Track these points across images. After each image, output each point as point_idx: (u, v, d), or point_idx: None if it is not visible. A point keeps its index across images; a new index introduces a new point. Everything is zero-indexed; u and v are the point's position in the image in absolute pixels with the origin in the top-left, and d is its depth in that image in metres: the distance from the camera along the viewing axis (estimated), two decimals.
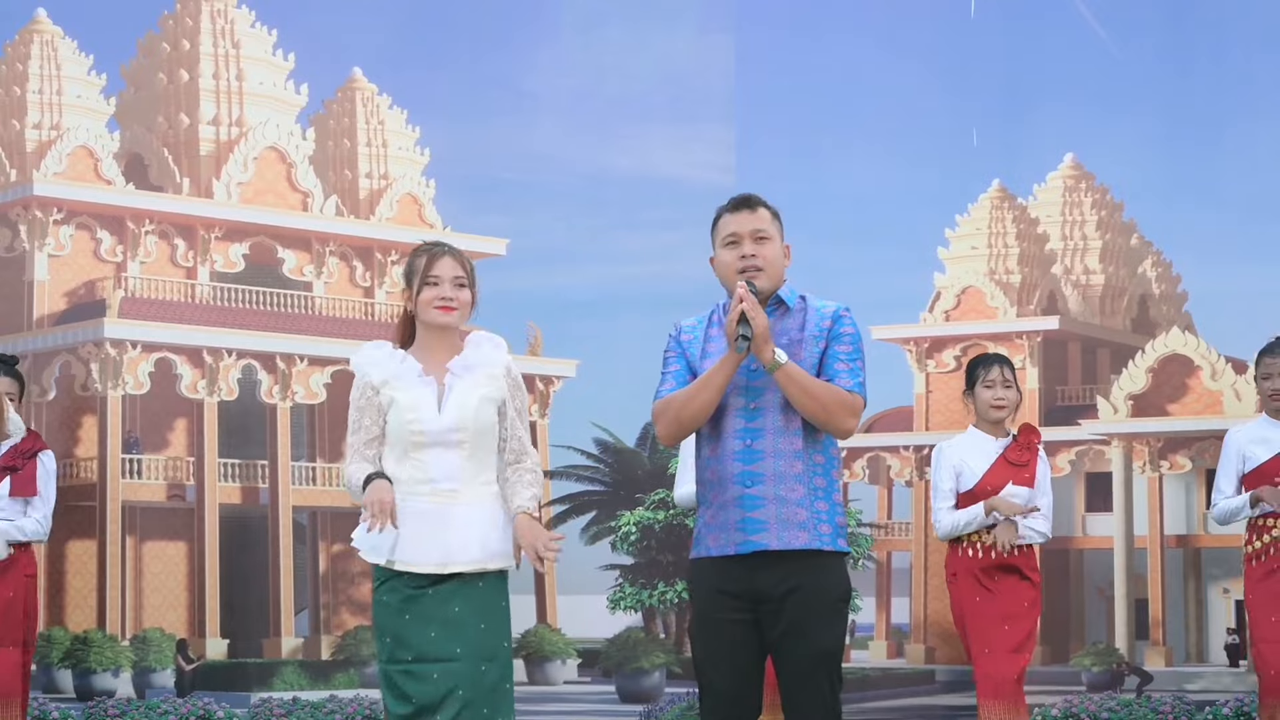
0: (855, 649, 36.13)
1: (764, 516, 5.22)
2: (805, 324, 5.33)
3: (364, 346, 5.49)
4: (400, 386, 5.34)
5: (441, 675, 5.18)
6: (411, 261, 5.46)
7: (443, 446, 5.28)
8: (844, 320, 5.35)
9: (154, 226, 30.83)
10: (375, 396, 5.36)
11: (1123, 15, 33.33)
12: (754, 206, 5.44)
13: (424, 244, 5.50)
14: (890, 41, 33.92)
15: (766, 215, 5.43)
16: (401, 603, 5.24)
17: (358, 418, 5.40)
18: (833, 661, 5.19)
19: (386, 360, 5.40)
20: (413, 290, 5.44)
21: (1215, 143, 33.66)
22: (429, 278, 5.38)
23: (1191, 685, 28.73)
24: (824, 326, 5.31)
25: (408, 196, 33.24)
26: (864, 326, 15.59)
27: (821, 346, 5.28)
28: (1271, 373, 8.03)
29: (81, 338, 29.48)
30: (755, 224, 5.42)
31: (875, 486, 35.76)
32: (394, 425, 5.31)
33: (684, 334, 5.53)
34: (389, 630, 5.25)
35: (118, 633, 28.52)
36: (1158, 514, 32.57)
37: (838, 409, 5.21)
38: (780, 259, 5.40)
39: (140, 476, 30.00)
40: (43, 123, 30.78)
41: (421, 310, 5.42)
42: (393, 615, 5.25)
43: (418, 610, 5.23)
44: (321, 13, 33.73)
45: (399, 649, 5.23)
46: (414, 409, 5.29)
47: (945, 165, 34.25)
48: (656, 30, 34.12)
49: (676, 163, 35.02)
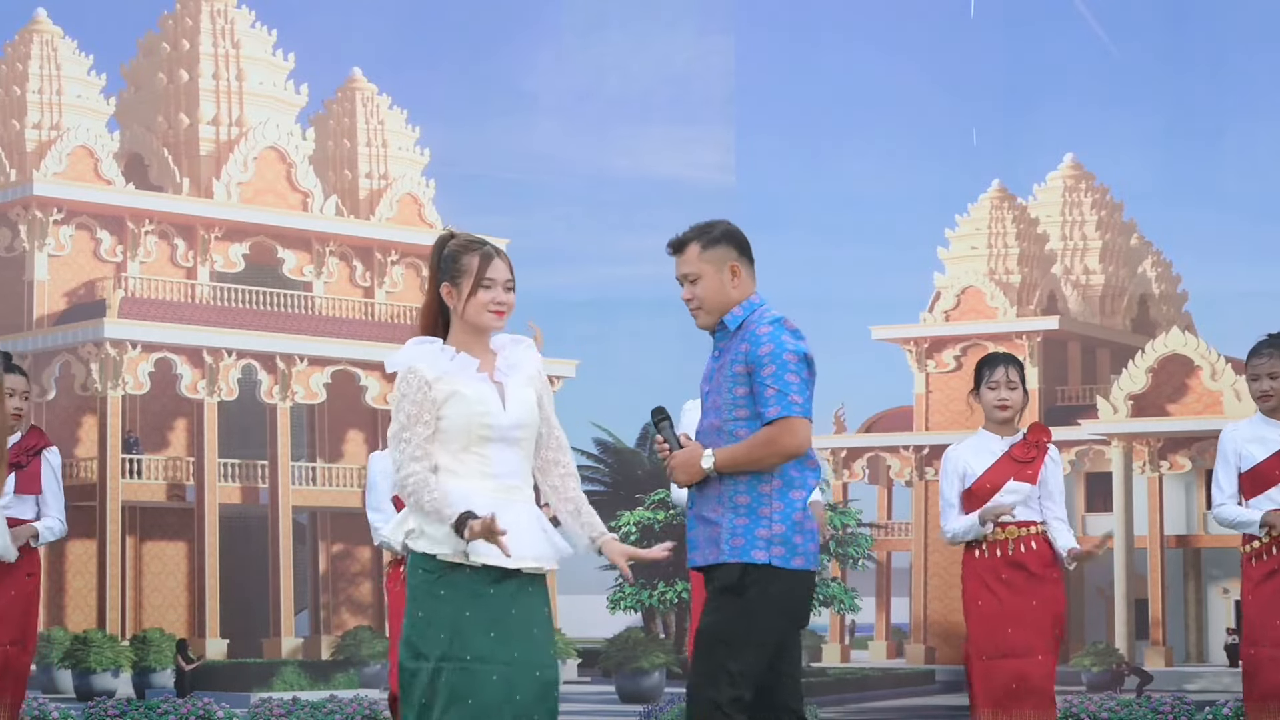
0: (855, 649, 36.15)
1: (694, 537, 5.51)
2: (735, 345, 5.48)
3: (409, 343, 5.41)
4: (460, 381, 5.25)
5: (500, 679, 5.15)
6: (460, 259, 5.27)
7: (506, 443, 5.25)
8: (760, 341, 5.43)
9: (154, 226, 30.84)
10: (429, 391, 5.25)
11: (1123, 15, 33.39)
12: (680, 248, 5.54)
13: (470, 240, 5.38)
14: (890, 42, 33.98)
15: (694, 252, 5.51)
16: (464, 599, 5.20)
17: (415, 412, 5.20)
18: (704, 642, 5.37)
19: (439, 355, 5.26)
20: (461, 290, 5.44)
21: (1215, 143, 33.74)
22: (485, 280, 5.35)
23: (1191, 685, 28.72)
24: (742, 350, 5.43)
25: (408, 196, 33.25)
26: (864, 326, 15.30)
27: (741, 369, 5.43)
28: (1260, 374, 8.04)
29: (81, 338, 29.49)
30: (682, 269, 5.57)
31: (875, 486, 35.79)
32: (459, 418, 5.19)
33: None
34: (446, 625, 5.16)
35: (118, 633, 28.52)
36: (1158, 514, 32.59)
37: (763, 450, 5.41)
38: (718, 289, 5.50)
39: (140, 476, 30.00)
40: (43, 122, 30.78)
41: (473, 312, 5.31)
42: (453, 611, 5.19)
43: (479, 609, 5.18)
44: (321, 13, 33.78)
45: (457, 646, 5.16)
46: (482, 402, 5.21)
47: (945, 165, 34.35)
48: (656, 31, 34.16)
49: (676, 163, 35.05)
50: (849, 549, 31.80)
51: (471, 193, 33.62)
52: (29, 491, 8.03)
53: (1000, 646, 8.06)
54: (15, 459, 7.97)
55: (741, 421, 5.47)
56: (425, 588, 5.22)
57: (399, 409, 5.24)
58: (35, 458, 8.03)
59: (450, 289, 5.33)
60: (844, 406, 35.45)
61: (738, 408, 5.47)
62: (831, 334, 34.08)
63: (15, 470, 7.95)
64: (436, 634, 5.17)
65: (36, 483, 8.01)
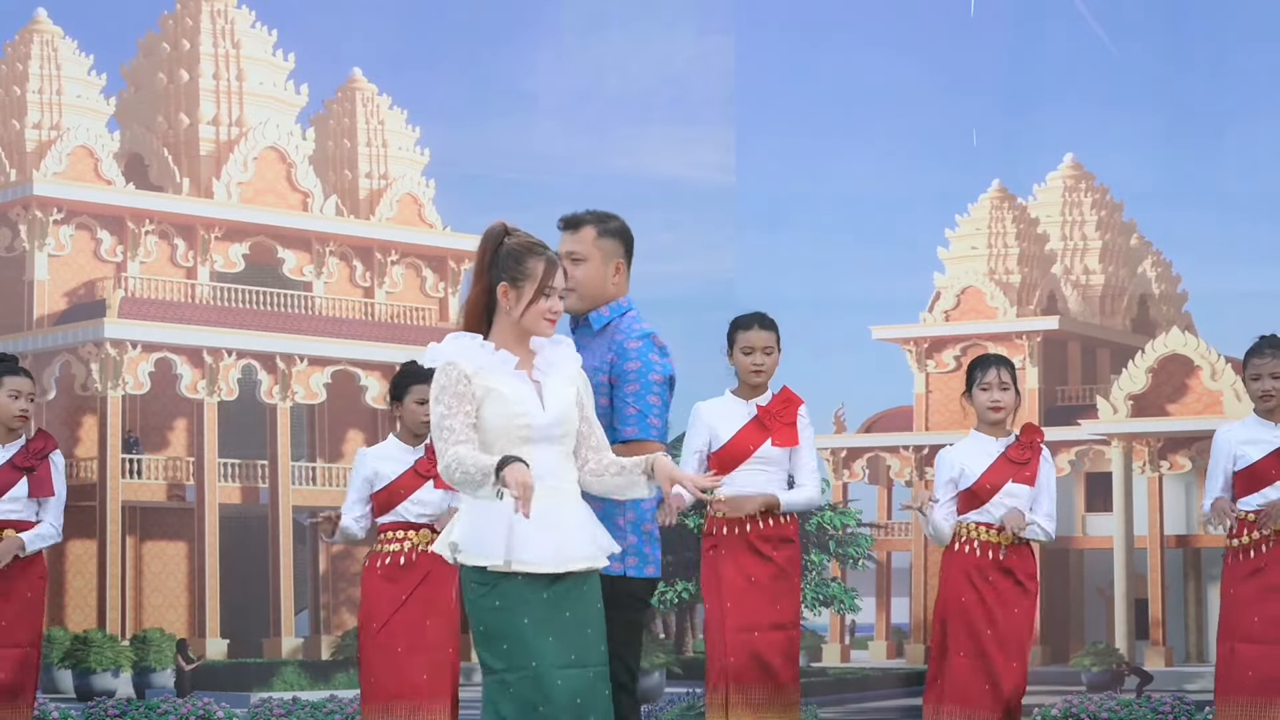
0: (855, 649, 36.13)
1: None
2: (598, 350, 5.30)
3: (446, 337, 5.24)
4: (498, 378, 5.16)
5: (564, 683, 5.09)
6: (525, 261, 5.16)
7: (547, 442, 5.14)
8: (628, 355, 5.28)
9: (154, 226, 30.83)
10: (468, 385, 5.14)
11: (1123, 15, 33.33)
12: (575, 226, 5.38)
13: (532, 241, 5.21)
14: (890, 41, 33.92)
15: (590, 235, 5.35)
16: (519, 607, 5.10)
17: (455, 403, 5.10)
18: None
19: (478, 350, 5.19)
20: (522, 294, 5.21)
21: (1215, 143, 33.65)
22: (547, 288, 5.22)
23: (1191, 685, 28.72)
24: (607, 360, 5.27)
25: (408, 196, 33.25)
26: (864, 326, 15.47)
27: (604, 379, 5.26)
28: (1261, 373, 8.05)
29: (81, 338, 29.48)
30: (571, 245, 5.38)
31: (875, 486, 35.76)
32: (496, 417, 5.12)
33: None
34: (507, 636, 5.06)
35: (118, 633, 28.52)
36: (1158, 514, 32.56)
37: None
38: (600, 279, 5.32)
39: (140, 476, 29.99)
40: (43, 122, 30.77)
41: (531, 319, 5.17)
42: (510, 620, 5.08)
43: (535, 616, 5.09)
44: (321, 13, 33.74)
45: (521, 655, 5.07)
46: (520, 402, 5.14)
47: (945, 165, 34.26)
48: (656, 31, 34.14)
49: (676, 163, 35.04)
50: (849, 549, 31.79)
51: (471, 193, 33.57)
52: (43, 494, 8.07)
53: (978, 647, 8.04)
54: (26, 463, 8.01)
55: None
56: (481, 602, 5.13)
57: (438, 401, 5.13)
58: (45, 461, 8.06)
59: (508, 289, 5.22)
60: (844, 406, 35.43)
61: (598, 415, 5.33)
62: (831, 334, 34.03)
63: (28, 474, 7.97)
64: (499, 645, 5.09)
65: (49, 486, 8.07)
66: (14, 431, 7.93)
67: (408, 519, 8.57)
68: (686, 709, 16.10)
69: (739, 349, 8.14)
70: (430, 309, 32.98)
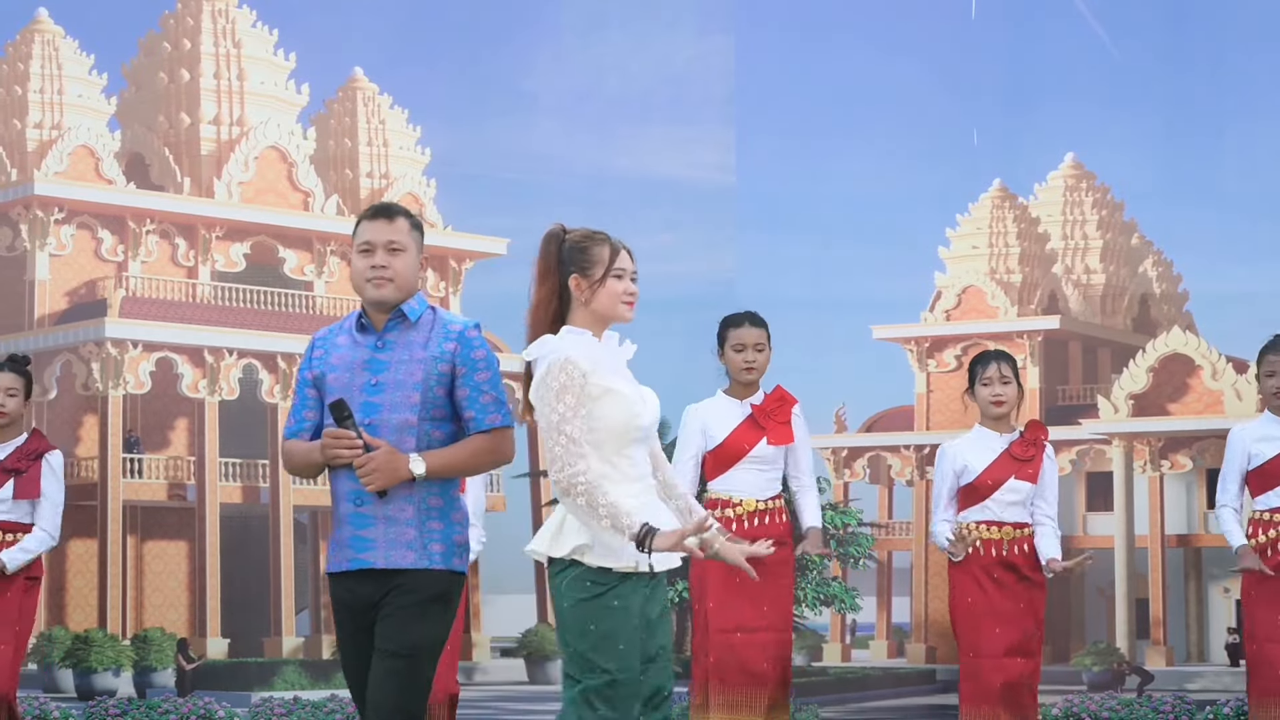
0: (855, 649, 36.14)
1: (372, 535, 5.14)
2: (430, 341, 5.22)
3: (563, 331, 5.13)
4: (615, 379, 5.08)
5: (653, 674, 5.12)
6: (589, 249, 5.12)
7: (644, 442, 5.16)
8: (473, 344, 5.19)
9: (155, 226, 30.84)
10: (585, 384, 5.06)
11: (1123, 15, 33.36)
12: (392, 216, 5.31)
13: (591, 232, 5.15)
14: (890, 42, 33.94)
15: (405, 226, 5.29)
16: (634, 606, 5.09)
17: (575, 404, 5.01)
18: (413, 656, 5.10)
19: (590, 346, 5.11)
20: (592, 279, 5.19)
21: (1215, 143, 33.69)
22: (616, 269, 5.14)
23: (1192, 685, 28.74)
24: (447, 349, 5.20)
25: (408, 196, 33.25)
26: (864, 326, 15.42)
27: (446, 369, 5.19)
28: (1275, 370, 8.03)
29: (82, 337, 29.50)
30: (391, 234, 5.28)
31: (876, 486, 35.76)
32: (615, 418, 5.04)
33: (316, 349, 5.29)
34: (623, 636, 5.05)
35: (118, 632, 28.53)
36: (1158, 514, 32.57)
37: (487, 460, 5.15)
38: (413, 270, 5.27)
39: (141, 476, 30.01)
40: (44, 122, 30.79)
41: (607, 301, 5.12)
42: (626, 620, 5.07)
43: (643, 613, 5.13)
44: (322, 13, 33.76)
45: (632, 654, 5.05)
46: (640, 401, 5.08)
47: (945, 165, 34.29)
48: (656, 31, 34.15)
49: (676, 163, 35.04)
50: (850, 549, 31.80)
51: (471, 193, 33.58)
52: (27, 496, 8.00)
53: (988, 645, 8.05)
54: (15, 464, 7.95)
55: (439, 422, 5.19)
56: (597, 601, 5.05)
57: (559, 400, 5.03)
58: (35, 463, 7.99)
59: (580, 280, 5.15)
60: (844, 406, 35.43)
61: (437, 407, 5.18)
62: (831, 334, 34.05)
63: (15, 476, 7.92)
64: (614, 646, 5.05)
65: (35, 487, 7.97)
66: (6, 430, 7.87)
67: None
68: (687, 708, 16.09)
69: (730, 346, 8.11)
70: None
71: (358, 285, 5.23)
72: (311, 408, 5.25)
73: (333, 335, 5.30)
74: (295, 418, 5.26)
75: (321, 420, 5.22)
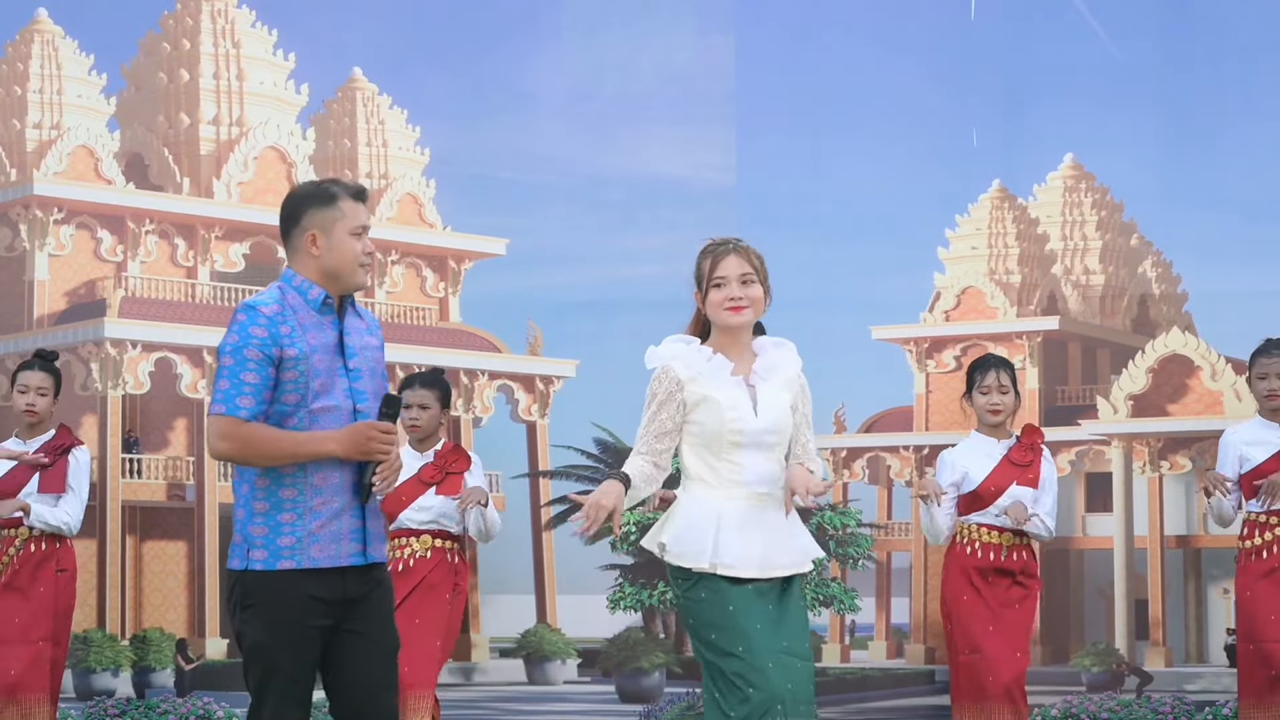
0: (855, 649, 36.14)
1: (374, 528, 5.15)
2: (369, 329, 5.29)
3: (665, 340, 5.38)
4: (713, 384, 5.26)
5: (777, 668, 5.14)
6: (699, 266, 5.34)
7: (758, 448, 5.21)
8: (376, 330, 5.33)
9: (154, 226, 30.84)
10: (679, 392, 5.25)
11: (1122, 15, 33.34)
12: (366, 200, 5.46)
13: (710, 242, 5.39)
14: (890, 42, 33.93)
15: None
16: (724, 595, 5.17)
17: (655, 411, 5.27)
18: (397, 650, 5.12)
19: (695, 356, 5.30)
20: (701, 293, 5.35)
21: (1215, 143, 33.67)
22: (715, 279, 5.30)
23: (1191, 685, 28.73)
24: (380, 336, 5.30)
25: (408, 196, 33.25)
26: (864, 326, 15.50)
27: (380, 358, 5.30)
28: (1268, 373, 8.03)
29: (82, 337, 29.49)
30: (366, 219, 5.40)
31: (875, 486, 35.77)
32: (710, 423, 5.23)
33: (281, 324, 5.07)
34: (714, 624, 5.14)
35: (117, 632, 28.53)
36: (1158, 514, 32.57)
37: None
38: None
39: (140, 476, 30.01)
40: (43, 122, 30.79)
41: (712, 313, 5.31)
42: (716, 608, 5.15)
43: (740, 603, 5.17)
44: (321, 13, 33.75)
45: (728, 640, 5.13)
46: (734, 408, 5.22)
47: (945, 165, 34.28)
48: (656, 31, 34.13)
49: (676, 163, 35.02)
50: (849, 549, 31.80)
51: (471, 193, 33.57)
52: (52, 490, 8.04)
53: (980, 645, 8.05)
54: (42, 459, 7.98)
55: None
56: (688, 595, 5.22)
57: (648, 404, 5.29)
58: (62, 457, 8.05)
59: (699, 295, 5.41)
60: (844, 406, 35.44)
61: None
62: (831, 334, 34.02)
63: (42, 470, 7.96)
64: (708, 634, 5.17)
65: (61, 482, 8.03)
66: (35, 427, 7.97)
67: (409, 526, 8.47)
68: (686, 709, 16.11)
69: None
70: (430, 309, 33.00)
71: (346, 267, 5.15)
72: (271, 389, 4.98)
73: (290, 312, 5.08)
74: (255, 399, 4.93)
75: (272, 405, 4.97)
